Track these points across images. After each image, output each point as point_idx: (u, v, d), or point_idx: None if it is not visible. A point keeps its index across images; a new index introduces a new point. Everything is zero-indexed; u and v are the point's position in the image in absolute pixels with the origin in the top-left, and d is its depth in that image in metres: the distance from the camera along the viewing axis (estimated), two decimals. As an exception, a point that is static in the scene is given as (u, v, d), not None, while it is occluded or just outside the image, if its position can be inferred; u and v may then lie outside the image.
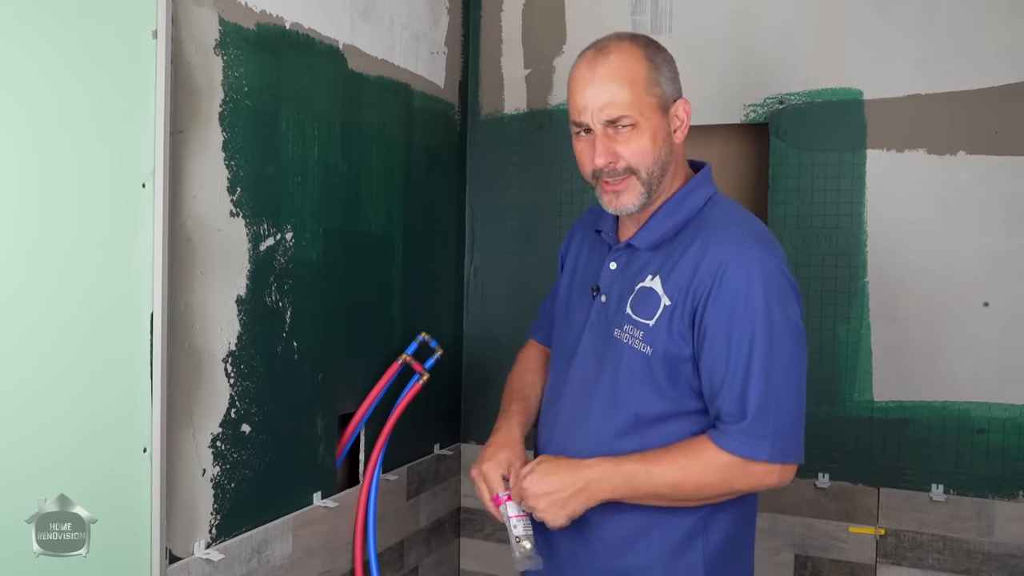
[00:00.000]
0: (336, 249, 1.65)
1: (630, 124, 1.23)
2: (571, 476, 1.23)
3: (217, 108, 1.34)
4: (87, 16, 1.11)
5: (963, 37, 1.80)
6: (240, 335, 1.40)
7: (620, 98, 1.22)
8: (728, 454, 1.19)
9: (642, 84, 1.23)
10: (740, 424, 1.19)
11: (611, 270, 1.33)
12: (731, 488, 1.22)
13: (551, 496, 1.22)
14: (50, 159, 1.07)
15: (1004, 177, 1.77)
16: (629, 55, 1.24)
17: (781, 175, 1.94)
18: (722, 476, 1.20)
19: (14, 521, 1.04)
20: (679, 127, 1.28)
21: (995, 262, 1.78)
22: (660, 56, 1.27)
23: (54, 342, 1.08)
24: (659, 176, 1.27)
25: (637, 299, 1.27)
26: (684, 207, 1.29)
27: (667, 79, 1.27)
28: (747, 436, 1.18)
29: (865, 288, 1.88)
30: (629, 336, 1.26)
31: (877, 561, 1.87)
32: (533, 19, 2.18)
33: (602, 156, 1.24)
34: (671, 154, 1.28)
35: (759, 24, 1.96)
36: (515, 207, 2.20)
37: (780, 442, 1.19)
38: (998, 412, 1.78)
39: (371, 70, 1.76)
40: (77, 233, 1.10)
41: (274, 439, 1.48)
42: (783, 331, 1.20)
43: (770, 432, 1.19)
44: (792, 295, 1.24)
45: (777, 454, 1.19)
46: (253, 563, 1.43)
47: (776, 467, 1.20)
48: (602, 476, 1.22)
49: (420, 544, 2.03)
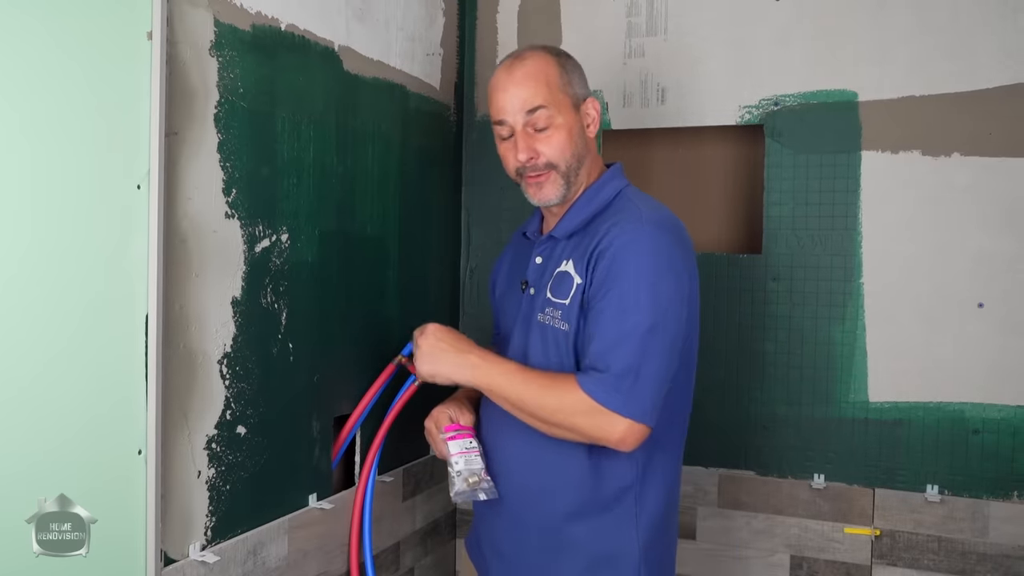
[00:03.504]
0: (332, 250, 1.65)
1: (547, 122, 1.39)
2: (460, 342, 1.45)
3: (212, 109, 1.34)
4: (82, 17, 1.10)
5: (957, 39, 1.80)
6: (235, 336, 1.40)
7: (538, 94, 1.39)
8: (584, 395, 1.29)
9: (556, 84, 1.40)
10: (602, 373, 1.29)
11: (537, 264, 1.47)
12: (571, 422, 1.31)
13: (435, 343, 1.44)
14: (44, 160, 1.06)
15: (998, 178, 1.78)
16: (543, 60, 1.42)
17: (776, 176, 1.94)
18: (574, 408, 1.30)
19: (9, 523, 1.04)
20: (591, 123, 1.45)
21: (990, 263, 1.79)
22: (570, 63, 1.46)
23: (48, 344, 1.07)
24: (576, 168, 1.43)
25: (555, 283, 1.41)
26: (598, 198, 1.44)
27: (577, 81, 1.45)
28: (606, 385, 1.28)
29: (860, 289, 1.88)
30: (550, 318, 1.39)
31: (873, 562, 1.87)
32: (528, 21, 2.18)
33: (524, 152, 1.40)
34: (585, 148, 1.44)
35: (754, 25, 1.96)
36: (510, 208, 2.20)
37: (633, 399, 1.28)
38: (992, 413, 1.79)
39: (366, 71, 1.76)
40: (71, 235, 1.10)
41: (270, 441, 1.48)
42: (655, 299, 1.30)
43: (627, 388, 1.28)
44: (674, 271, 1.33)
45: (630, 410, 1.28)
46: (248, 565, 1.42)
47: (624, 422, 1.28)
48: (483, 356, 1.41)
49: (416, 546, 2.03)
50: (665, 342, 1.31)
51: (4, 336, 1.02)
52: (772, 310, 1.94)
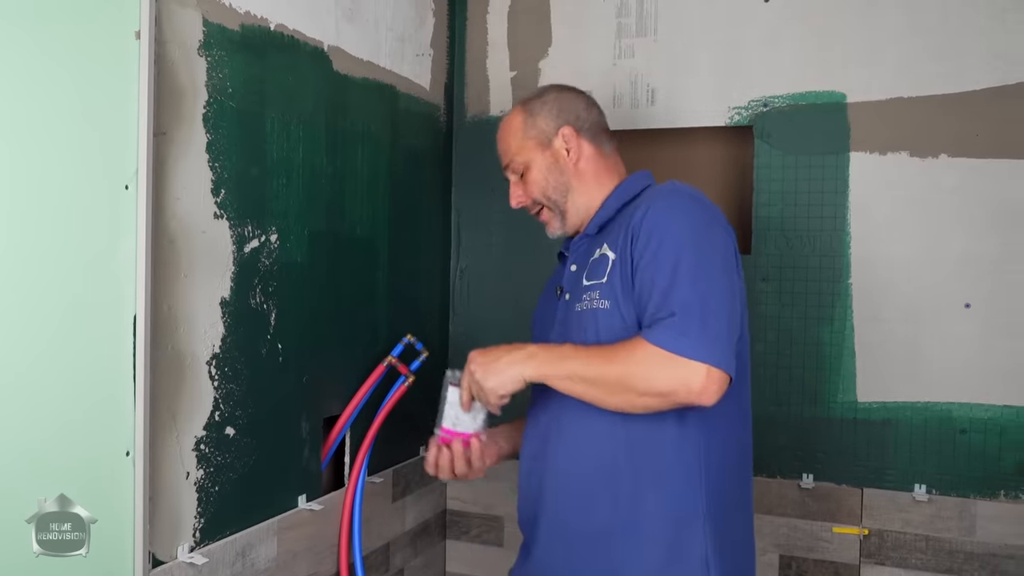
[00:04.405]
0: (321, 251, 1.65)
1: (521, 168, 1.47)
2: (511, 346, 1.34)
3: (201, 109, 1.33)
4: (69, 16, 1.10)
5: (946, 40, 1.81)
6: (224, 337, 1.39)
7: (507, 150, 1.50)
8: (652, 346, 1.19)
9: (519, 133, 1.48)
10: (669, 321, 1.20)
11: (572, 272, 1.43)
12: (647, 382, 1.20)
13: (487, 355, 1.33)
14: (32, 160, 1.06)
15: (986, 180, 1.79)
16: (511, 117, 1.50)
17: (765, 177, 1.95)
18: (645, 365, 1.20)
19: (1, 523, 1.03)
20: (571, 148, 1.45)
21: (977, 264, 1.80)
22: (538, 101, 1.49)
23: (35, 345, 1.07)
24: (563, 197, 1.45)
25: (591, 269, 1.37)
26: (623, 196, 1.43)
27: (544, 120, 1.47)
28: (673, 330, 1.19)
29: (848, 290, 1.89)
30: (588, 302, 1.34)
31: (861, 561, 1.88)
32: (519, 21, 2.18)
33: (513, 198, 1.50)
34: (565, 175, 1.46)
35: (743, 27, 1.97)
36: (501, 209, 2.19)
37: (708, 343, 1.19)
38: (979, 412, 1.80)
39: (356, 72, 1.76)
40: (59, 235, 1.09)
41: (259, 442, 1.48)
42: (705, 247, 1.26)
43: (696, 329, 1.19)
44: (719, 227, 1.31)
45: (704, 353, 1.18)
46: (237, 567, 1.42)
47: (701, 368, 1.17)
48: (539, 347, 1.32)
49: (406, 546, 2.03)
50: (723, 283, 1.25)
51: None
52: (761, 311, 1.95)
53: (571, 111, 1.48)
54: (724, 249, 1.29)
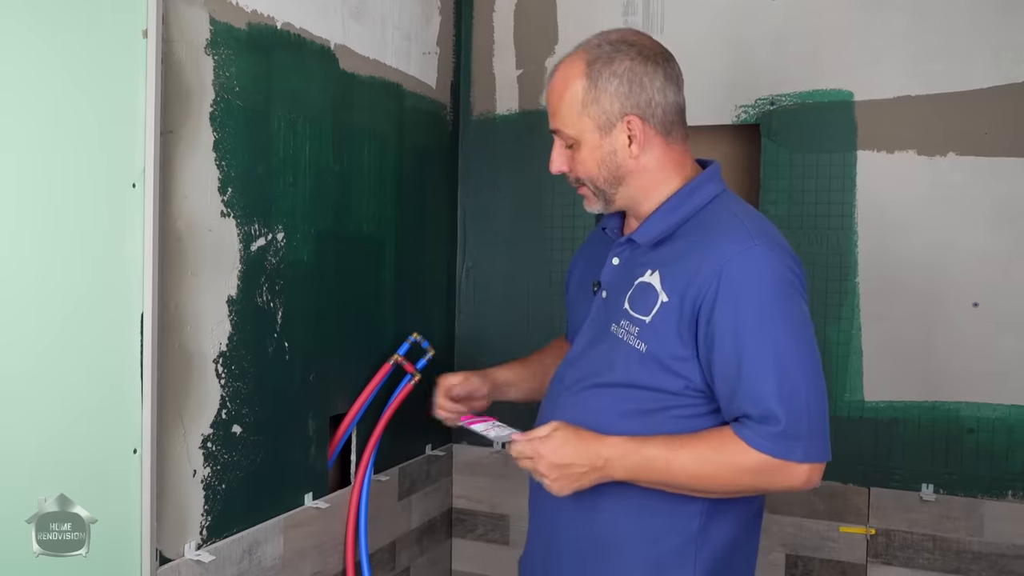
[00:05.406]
0: (328, 249, 1.65)
1: (571, 141, 1.27)
2: (590, 451, 1.19)
3: (208, 108, 1.33)
4: (77, 15, 1.10)
5: (953, 39, 1.81)
6: (231, 335, 1.39)
7: (556, 115, 1.28)
8: (759, 453, 1.16)
9: (576, 104, 1.25)
10: (774, 427, 1.15)
11: (614, 265, 1.33)
12: (756, 487, 1.21)
13: (566, 469, 1.19)
14: (39, 159, 1.06)
15: (993, 178, 1.78)
16: (571, 69, 1.26)
17: (772, 176, 1.95)
18: (750, 475, 1.17)
19: (3, 522, 1.03)
20: (634, 139, 1.25)
21: (985, 262, 1.79)
22: (608, 70, 1.24)
23: (43, 343, 1.07)
24: (612, 188, 1.29)
25: (635, 295, 1.25)
26: (686, 205, 1.27)
27: (611, 97, 1.24)
28: (781, 438, 1.15)
29: (856, 288, 1.88)
30: (625, 332, 1.25)
31: (868, 561, 1.88)
32: (525, 19, 2.18)
33: (553, 163, 1.31)
34: (621, 169, 1.27)
35: (750, 25, 1.96)
36: (507, 207, 2.20)
37: (813, 441, 1.17)
38: (987, 412, 1.79)
39: (363, 70, 1.76)
40: (67, 233, 1.10)
41: (265, 440, 1.48)
42: (794, 328, 1.18)
43: (803, 432, 1.16)
44: (798, 292, 1.22)
45: (811, 454, 1.17)
46: (244, 564, 1.42)
47: (806, 467, 1.17)
48: (623, 455, 1.19)
49: (412, 545, 2.03)
50: (816, 368, 1.20)
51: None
52: (768, 309, 1.94)
53: (643, 94, 1.25)
54: (806, 320, 1.21)
